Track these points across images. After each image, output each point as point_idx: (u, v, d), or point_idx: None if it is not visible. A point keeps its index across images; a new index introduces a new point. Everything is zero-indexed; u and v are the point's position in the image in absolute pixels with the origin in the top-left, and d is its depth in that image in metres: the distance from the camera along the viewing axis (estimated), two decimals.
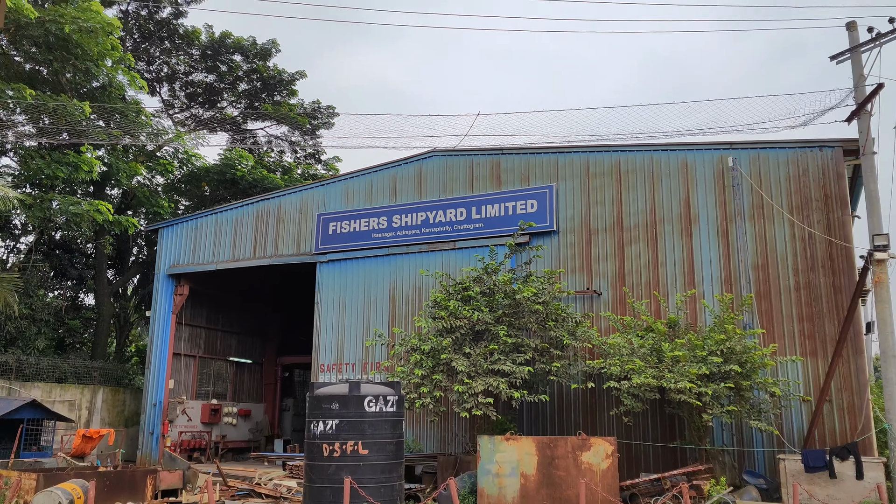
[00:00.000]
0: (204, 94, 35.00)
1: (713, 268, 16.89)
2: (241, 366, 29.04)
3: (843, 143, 16.08)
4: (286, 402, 30.56)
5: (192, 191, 32.63)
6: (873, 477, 13.46)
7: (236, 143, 34.55)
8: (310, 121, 34.79)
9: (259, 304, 29.69)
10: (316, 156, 37.23)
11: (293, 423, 30.02)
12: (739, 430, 15.68)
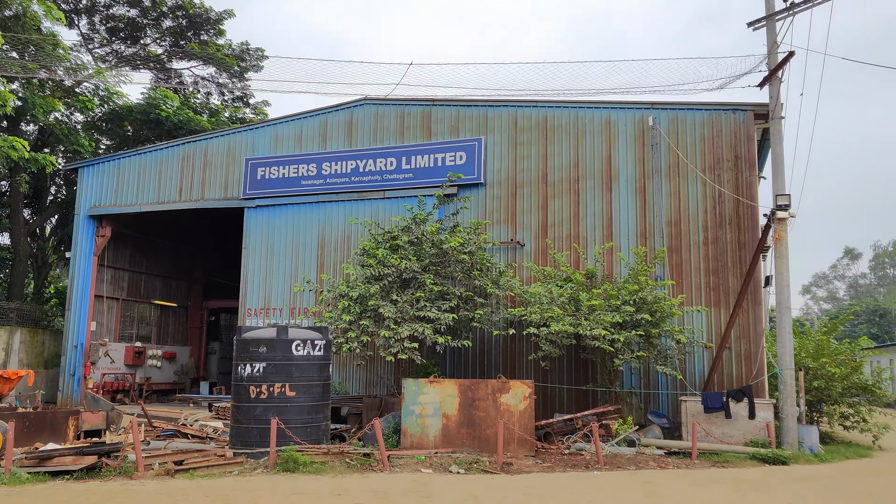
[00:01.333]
0: (126, 30, 32.99)
1: (630, 222, 17.42)
2: (166, 309, 28.31)
3: (754, 107, 16.68)
4: (212, 345, 30.11)
5: (114, 130, 30.99)
6: (764, 417, 14.46)
7: (161, 82, 32.89)
8: (238, 63, 33.40)
9: (185, 248, 28.85)
10: (244, 99, 35.89)
11: (219, 365, 29.67)
12: (647, 375, 16.48)
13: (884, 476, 12.27)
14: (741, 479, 11.31)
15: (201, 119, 31.41)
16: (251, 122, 31.48)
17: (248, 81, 34.64)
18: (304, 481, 10.46)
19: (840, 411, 16.87)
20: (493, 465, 12.05)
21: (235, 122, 32.92)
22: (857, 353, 18.57)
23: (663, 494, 9.87)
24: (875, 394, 17.17)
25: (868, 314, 62.06)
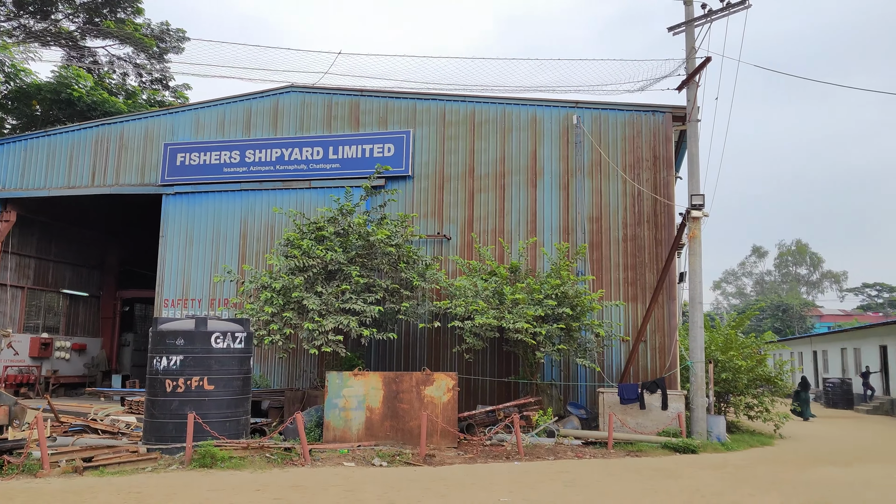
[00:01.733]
0: (35, 3, 31.13)
1: (554, 218, 17.77)
2: (77, 298, 27.00)
3: (672, 109, 17.30)
4: (126, 336, 28.93)
5: (21, 109, 29.26)
6: (675, 407, 15.07)
7: (73, 60, 31.21)
8: (157, 43, 32.08)
9: (98, 235, 27.57)
10: (163, 81, 34.53)
11: (133, 358, 28.53)
12: (567, 367, 16.89)
13: (783, 462, 13.00)
14: (653, 468, 11.75)
15: (117, 101, 30.07)
16: (171, 105, 30.33)
17: (167, 63, 33.37)
18: (221, 477, 10.21)
19: (745, 402, 17.75)
20: (416, 457, 12.08)
21: (154, 106, 31.68)
22: (762, 347, 19.61)
23: (580, 483, 10.15)
24: (777, 385, 18.17)
25: (772, 309, 65.62)
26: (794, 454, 14.25)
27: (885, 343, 28.34)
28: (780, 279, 79.03)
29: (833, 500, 9.40)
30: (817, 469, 12.29)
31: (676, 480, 10.57)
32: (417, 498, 8.90)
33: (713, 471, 11.64)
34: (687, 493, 9.56)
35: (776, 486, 10.27)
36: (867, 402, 28.49)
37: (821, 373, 36.19)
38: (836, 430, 20.41)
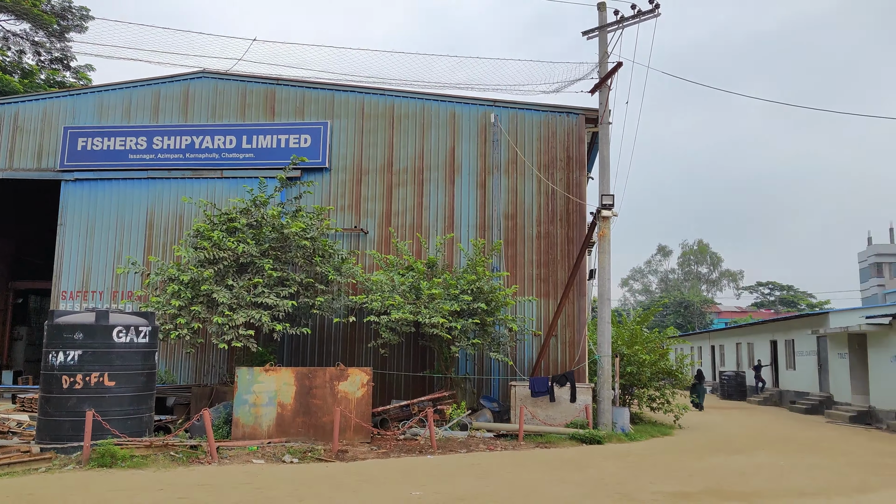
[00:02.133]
0: None
1: (471, 214, 17.96)
2: None
3: (585, 111, 17.80)
4: (18, 330, 27.19)
5: None
6: (583, 400, 15.56)
7: None
8: (58, 21, 30.26)
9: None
10: (64, 61, 32.61)
11: (27, 353, 26.86)
12: (481, 361, 17.12)
13: (682, 451, 13.66)
14: (561, 459, 12.09)
15: (11, 80, 28.19)
16: (72, 86, 28.69)
17: (69, 42, 31.53)
18: (122, 477, 9.78)
19: (648, 394, 18.53)
20: (329, 453, 11.97)
21: (53, 86, 29.88)
22: (665, 342, 20.52)
23: (491, 475, 10.33)
24: (678, 378, 19.06)
25: (675, 306, 68.70)
26: (692, 443, 14.99)
27: (775, 338, 30.23)
28: (683, 277, 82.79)
29: (726, 485, 9.95)
30: (713, 457, 12.98)
31: (583, 471, 10.92)
32: (328, 494, 8.82)
33: (617, 460, 12.10)
34: (592, 482, 9.90)
35: (675, 474, 10.78)
36: (758, 393, 30.30)
37: (718, 366, 38.21)
38: (730, 420, 21.62)
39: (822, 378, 25.42)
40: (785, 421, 21.79)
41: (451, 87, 17.67)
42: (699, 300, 71.09)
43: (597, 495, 8.95)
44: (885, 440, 16.86)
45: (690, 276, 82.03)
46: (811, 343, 26.25)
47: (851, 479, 10.90)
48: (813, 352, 26.16)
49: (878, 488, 10.11)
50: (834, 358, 24.17)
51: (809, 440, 16.38)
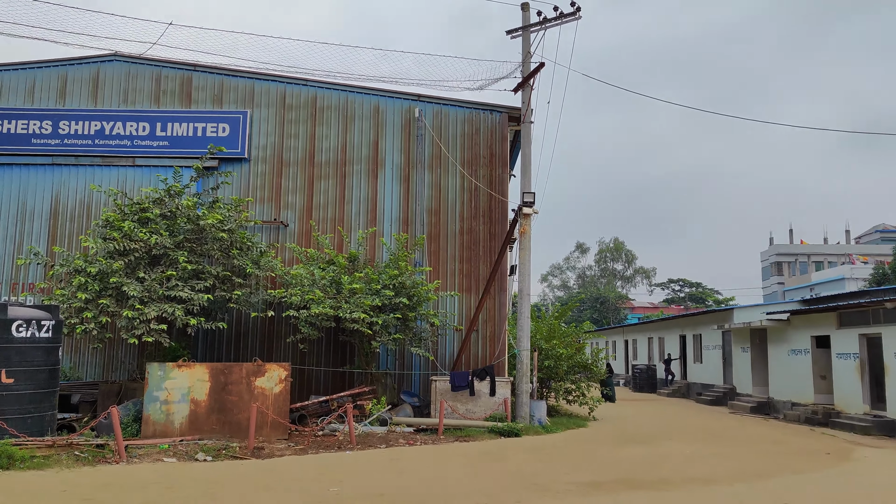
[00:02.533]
0: None
1: (394, 209, 17.90)
2: None
3: (509, 110, 18.04)
4: None
5: None
6: (503, 393, 15.80)
7: None
8: None
9: None
10: None
11: None
12: (402, 356, 17.12)
13: (595, 442, 14.09)
14: (480, 452, 12.24)
15: None
16: None
17: None
18: (21, 479, 9.23)
19: (565, 387, 19.01)
20: (244, 450, 11.69)
21: None
22: (581, 336, 21.07)
23: (410, 470, 10.34)
24: (593, 371, 19.61)
25: (591, 301, 70.70)
26: (605, 435, 15.48)
27: (685, 333, 31.59)
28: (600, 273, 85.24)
29: (636, 474, 10.33)
30: (624, 447, 13.44)
31: (500, 463, 11.09)
32: (243, 492, 8.62)
33: (534, 452, 12.35)
34: (509, 474, 10.07)
35: (589, 465, 11.11)
36: (668, 385, 31.60)
37: (630, 360, 39.59)
38: (642, 411, 22.45)
39: (727, 371, 26.75)
40: (692, 412, 22.81)
41: (376, 80, 17.57)
42: (614, 296, 73.42)
43: (514, 487, 9.11)
44: (781, 429, 17.90)
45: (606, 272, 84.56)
46: (717, 338, 27.56)
47: (751, 466, 11.51)
48: (718, 346, 27.49)
49: (775, 474, 10.72)
50: (737, 352, 25.47)
51: (714, 430, 17.20)
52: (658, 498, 8.69)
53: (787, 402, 21.40)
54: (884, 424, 16.60)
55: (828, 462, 12.25)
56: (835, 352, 19.21)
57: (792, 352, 21.54)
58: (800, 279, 67.15)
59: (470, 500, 8.25)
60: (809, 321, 20.77)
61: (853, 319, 18.60)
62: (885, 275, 39.22)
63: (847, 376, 18.55)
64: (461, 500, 8.25)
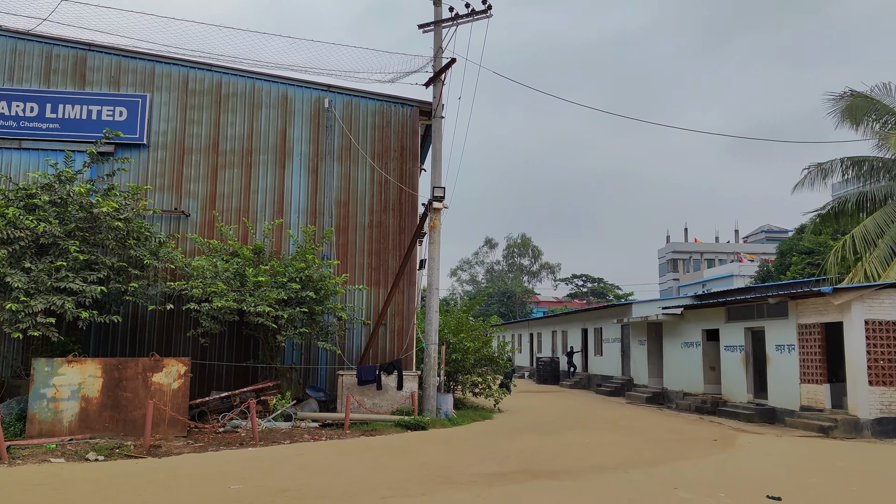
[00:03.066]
0: None
1: (302, 200, 17.59)
2: None
3: (420, 104, 18.07)
4: None
5: None
6: (410, 387, 15.86)
7: None
8: None
9: None
10: None
11: None
12: (308, 350, 16.87)
13: (500, 433, 14.39)
14: (386, 445, 12.25)
15: None
16: None
17: None
18: None
19: (472, 380, 19.28)
20: (140, 448, 11.21)
21: None
22: (489, 330, 21.44)
23: (314, 465, 10.23)
24: (499, 364, 19.99)
25: (499, 296, 72.01)
26: (510, 426, 15.83)
27: (587, 327, 32.72)
28: (507, 268, 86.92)
29: (538, 464, 10.63)
30: (526, 438, 13.80)
31: (406, 455, 11.15)
32: (137, 493, 8.27)
33: (440, 444, 12.48)
34: (415, 467, 10.13)
35: (493, 456, 11.33)
36: (570, 377, 32.65)
37: (535, 353, 40.63)
38: (545, 403, 23.10)
39: (625, 363, 27.92)
40: (592, 402, 23.68)
41: (285, 68, 17.13)
42: (521, 290, 75.09)
43: (419, 479, 9.17)
44: (673, 418, 18.87)
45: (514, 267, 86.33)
46: (616, 331, 28.72)
47: (644, 453, 12.08)
48: (618, 339, 28.65)
49: (667, 461, 11.30)
50: (635, 345, 26.64)
51: (612, 420, 17.93)
52: (559, 486, 8.98)
53: (679, 392, 22.57)
54: (765, 412, 17.79)
55: (714, 448, 13.02)
56: (723, 344, 20.41)
57: (685, 344, 22.73)
58: (693, 276, 70.93)
59: (375, 493, 8.26)
60: (700, 316, 21.98)
61: (740, 314, 19.82)
62: (768, 272, 41.97)
63: (733, 367, 19.76)
64: (366, 494, 8.24)
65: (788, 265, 38.57)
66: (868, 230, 20.48)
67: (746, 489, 8.90)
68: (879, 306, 15.58)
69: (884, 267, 19.35)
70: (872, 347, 15.35)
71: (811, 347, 16.59)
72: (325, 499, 7.96)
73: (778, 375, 17.72)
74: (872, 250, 20.00)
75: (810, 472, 10.53)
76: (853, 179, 23.02)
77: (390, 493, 8.25)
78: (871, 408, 15.07)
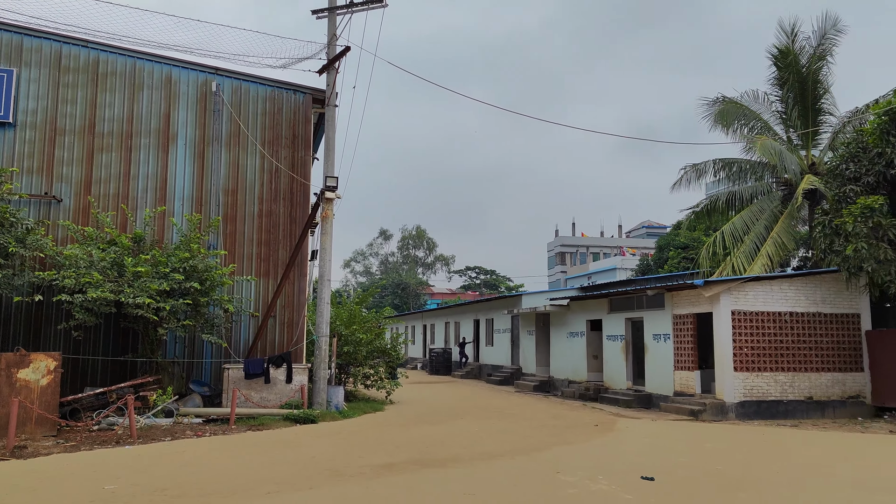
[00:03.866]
0: None
1: (187, 187, 16.85)
2: None
3: (313, 91, 17.72)
4: None
5: None
6: (300, 380, 15.61)
7: None
8: None
9: None
10: None
11: None
12: (192, 343, 16.23)
13: (391, 425, 14.44)
14: (273, 440, 12.01)
15: None
16: None
17: None
18: None
19: (364, 372, 19.21)
20: (3, 450, 10.41)
21: None
22: (382, 321, 21.42)
23: (197, 462, 9.88)
24: (391, 356, 20.03)
25: (393, 287, 72.13)
26: (401, 417, 15.92)
27: (479, 318, 33.36)
28: (402, 260, 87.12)
29: (428, 453, 10.76)
30: (418, 428, 13.93)
31: (295, 450, 10.97)
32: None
33: (330, 438, 12.37)
34: (303, 460, 10.00)
35: (383, 447, 11.36)
36: (462, 368, 33.19)
37: (429, 344, 41.01)
38: (437, 393, 23.39)
39: (514, 353, 28.71)
40: (482, 392, 24.20)
41: (169, 48, 16.28)
42: (415, 282, 75.50)
43: (307, 473, 9.06)
44: (559, 405, 19.61)
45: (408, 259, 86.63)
46: (507, 322, 29.46)
47: (530, 440, 12.50)
48: (508, 330, 29.41)
49: (551, 446, 11.75)
50: (524, 335, 27.44)
51: (501, 408, 18.40)
52: (447, 474, 9.13)
53: (565, 381, 23.47)
54: (642, 398, 18.83)
55: (595, 433, 13.66)
56: (605, 334, 21.40)
57: (570, 334, 23.65)
58: (580, 268, 73.86)
59: (260, 489, 8.08)
60: (585, 307, 22.93)
61: (621, 305, 20.84)
62: (648, 266, 44.38)
63: (615, 356, 20.77)
64: (251, 489, 8.05)
65: (666, 259, 40.97)
66: (736, 227, 22.06)
67: (623, 471, 9.39)
68: (745, 298, 16.84)
69: (749, 261, 20.91)
70: (738, 336, 16.57)
71: (685, 336, 17.70)
72: (206, 496, 7.71)
73: (655, 363, 18.79)
74: (740, 246, 21.57)
75: (680, 453, 11.26)
76: (724, 180, 24.72)
77: (276, 489, 8.10)
78: (735, 392, 16.28)
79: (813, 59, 21.60)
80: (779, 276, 17.75)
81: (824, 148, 22.53)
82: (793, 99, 22.32)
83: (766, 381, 16.58)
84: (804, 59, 21.78)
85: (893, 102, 16.22)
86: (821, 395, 16.87)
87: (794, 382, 16.78)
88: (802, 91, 21.91)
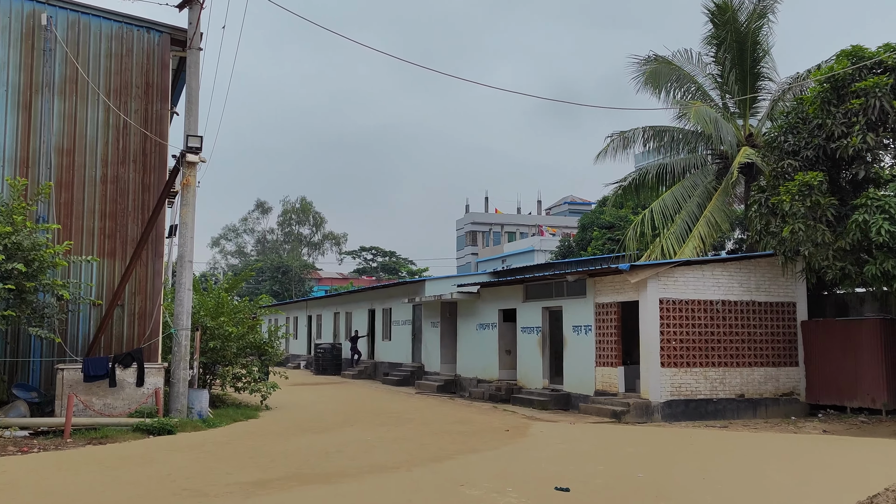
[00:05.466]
0: None
1: (8, 145, 15.95)
2: None
3: (172, 30, 17.10)
4: None
5: None
6: (154, 383, 15.19)
7: None
8: None
9: None
10: None
11: None
12: (16, 339, 15.49)
13: (266, 435, 14.32)
14: (120, 456, 11.66)
15: None
16: None
17: None
18: None
19: (234, 372, 18.88)
20: None
21: None
22: (257, 312, 21.09)
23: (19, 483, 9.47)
24: (268, 353, 19.76)
25: (272, 271, 71.02)
26: (279, 425, 15.80)
27: (374, 307, 33.41)
28: (283, 238, 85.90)
29: (309, 467, 10.77)
30: (299, 438, 13.88)
31: (146, 467, 10.70)
32: None
33: (190, 452, 12.13)
34: (156, 479, 9.76)
35: (255, 461, 11.25)
36: (354, 366, 33.20)
37: (314, 338, 40.72)
38: (323, 396, 23.33)
39: (416, 348, 28.99)
40: (377, 394, 24.33)
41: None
42: (299, 265, 74.62)
43: (160, 495, 8.85)
44: (466, 408, 20.00)
45: (291, 237, 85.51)
46: (407, 312, 29.65)
47: (431, 448, 12.71)
48: (408, 321, 29.62)
49: (453, 455, 11.99)
50: (427, 327, 27.73)
51: (397, 412, 18.58)
52: (331, 491, 9.16)
53: (473, 380, 23.93)
54: (560, 398, 19.48)
55: (506, 439, 14.03)
56: (520, 326, 21.95)
57: (480, 326, 24.10)
58: (493, 250, 75.15)
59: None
60: (498, 294, 23.41)
61: (538, 292, 21.41)
62: (570, 247, 45.74)
63: (530, 351, 21.34)
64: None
65: (590, 240, 42.35)
66: (666, 204, 23.07)
67: (536, 481, 9.72)
68: (674, 284, 17.66)
69: (680, 243, 21.95)
70: (666, 327, 17.39)
71: (608, 328, 18.40)
72: None
73: (574, 358, 19.45)
74: (670, 226, 22.59)
75: (599, 461, 11.76)
76: (655, 150, 25.74)
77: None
78: (662, 390, 17.11)
79: (752, 16, 22.73)
80: (711, 261, 18.73)
81: (763, 117, 23.80)
82: (730, 61, 23.45)
83: (696, 378, 17.51)
84: (743, 15, 22.88)
85: (836, 69, 17.29)
86: (753, 393, 17.98)
87: (726, 379, 17.80)
88: (741, 53, 23.05)
